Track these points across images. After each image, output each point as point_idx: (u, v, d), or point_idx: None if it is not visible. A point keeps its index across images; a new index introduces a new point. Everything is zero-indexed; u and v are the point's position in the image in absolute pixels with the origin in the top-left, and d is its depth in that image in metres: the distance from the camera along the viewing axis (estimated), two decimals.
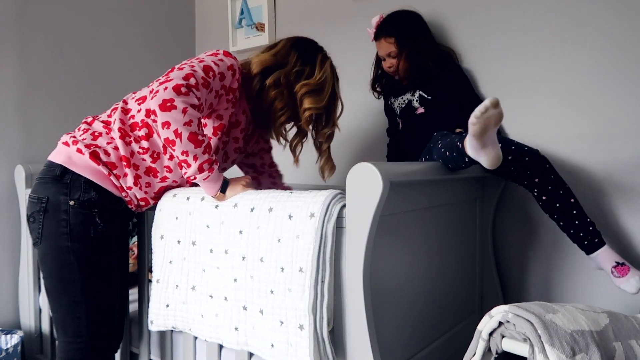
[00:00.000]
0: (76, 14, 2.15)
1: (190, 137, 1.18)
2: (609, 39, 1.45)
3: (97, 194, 1.27)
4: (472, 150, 1.14)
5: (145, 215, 1.49)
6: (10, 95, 1.95)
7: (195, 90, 1.19)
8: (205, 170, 1.22)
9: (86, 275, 1.27)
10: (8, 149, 1.95)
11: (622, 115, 1.44)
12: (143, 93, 1.36)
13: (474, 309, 1.59)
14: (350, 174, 1.03)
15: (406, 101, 1.67)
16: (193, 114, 1.18)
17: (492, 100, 1.02)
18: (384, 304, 1.14)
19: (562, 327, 0.85)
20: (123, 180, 1.29)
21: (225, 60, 1.30)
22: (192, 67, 1.23)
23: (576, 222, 1.31)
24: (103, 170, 1.27)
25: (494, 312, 0.92)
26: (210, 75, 1.25)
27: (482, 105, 1.02)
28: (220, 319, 1.22)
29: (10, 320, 1.96)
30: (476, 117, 1.04)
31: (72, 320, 1.29)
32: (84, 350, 1.29)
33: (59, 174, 1.27)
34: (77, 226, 1.26)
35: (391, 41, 1.62)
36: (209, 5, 2.60)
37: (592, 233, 1.32)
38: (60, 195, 1.26)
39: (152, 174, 1.33)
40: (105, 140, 1.29)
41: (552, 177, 1.34)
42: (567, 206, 1.32)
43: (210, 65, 1.26)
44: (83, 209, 1.26)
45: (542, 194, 1.34)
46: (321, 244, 1.04)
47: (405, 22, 1.63)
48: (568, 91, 1.52)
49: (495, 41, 1.66)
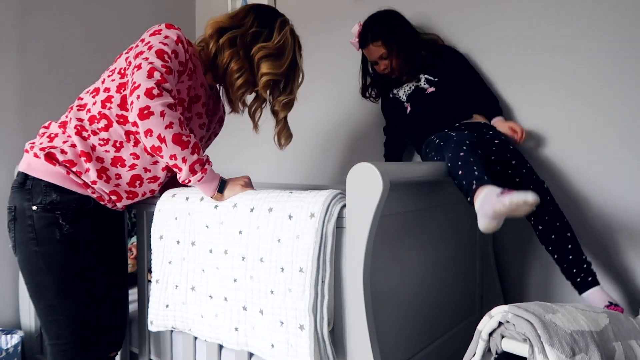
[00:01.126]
0: (76, 14, 2.15)
1: (174, 139, 1.16)
2: (609, 38, 1.45)
3: (58, 196, 1.26)
4: (479, 207, 1.11)
5: (145, 215, 1.49)
6: (10, 95, 1.95)
7: (165, 85, 1.17)
8: (197, 171, 1.21)
9: (58, 278, 1.27)
10: (8, 149, 1.95)
11: (623, 114, 1.44)
12: (96, 85, 1.35)
13: (474, 309, 1.59)
14: (350, 174, 1.03)
15: (412, 87, 1.67)
16: (172, 115, 1.16)
17: (534, 198, 1.00)
18: (384, 304, 1.13)
19: (562, 328, 0.85)
20: (85, 176, 1.26)
21: (171, 35, 1.25)
22: (146, 59, 1.18)
23: (570, 257, 1.28)
24: (61, 170, 1.25)
25: (494, 312, 0.92)
26: (166, 59, 1.20)
27: (523, 199, 1.00)
28: (220, 319, 1.21)
29: (10, 321, 1.96)
30: (511, 203, 1.01)
31: (50, 323, 1.29)
32: (67, 352, 1.29)
33: (22, 181, 1.27)
34: (41, 230, 1.25)
35: (378, 44, 1.64)
36: (209, 6, 2.60)
37: (585, 270, 1.28)
38: (24, 201, 1.26)
39: (120, 163, 1.29)
40: (62, 140, 1.28)
41: (551, 209, 1.33)
42: (563, 239, 1.30)
43: (161, 47, 1.21)
44: (46, 212, 1.25)
45: (539, 223, 1.33)
46: (321, 244, 1.04)
47: (386, 22, 1.65)
48: (568, 91, 1.52)
49: (495, 41, 1.66)
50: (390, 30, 1.63)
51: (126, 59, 1.30)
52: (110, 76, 1.32)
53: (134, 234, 2.00)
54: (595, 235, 1.49)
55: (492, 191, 1.08)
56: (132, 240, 1.98)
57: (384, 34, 1.63)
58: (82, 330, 1.31)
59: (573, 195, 1.53)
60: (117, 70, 1.31)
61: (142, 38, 1.28)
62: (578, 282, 1.27)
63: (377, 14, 1.68)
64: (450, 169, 1.25)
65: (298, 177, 1.77)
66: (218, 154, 1.95)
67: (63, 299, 1.28)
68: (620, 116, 1.44)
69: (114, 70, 1.33)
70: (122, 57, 1.33)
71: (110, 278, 1.44)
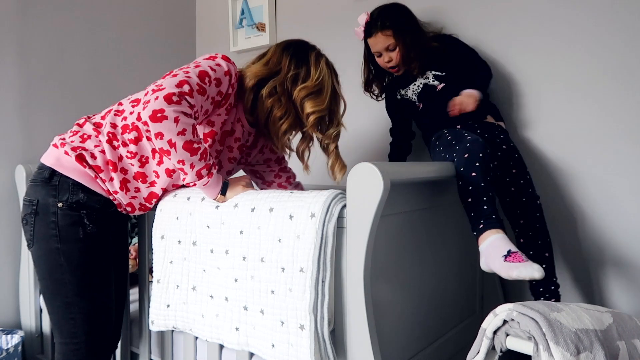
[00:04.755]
0: (77, 15, 2.15)
1: (185, 146, 1.16)
2: (610, 38, 1.45)
3: (85, 196, 1.27)
4: (483, 250, 1.14)
5: (146, 215, 1.49)
6: (10, 95, 1.95)
7: (188, 97, 1.16)
8: (204, 176, 1.21)
9: (78, 277, 1.27)
10: (8, 149, 1.95)
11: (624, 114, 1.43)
12: (138, 95, 1.34)
13: (474, 309, 1.58)
14: (350, 174, 1.02)
15: (421, 85, 1.65)
16: (186, 122, 1.16)
17: (540, 275, 1.00)
18: (385, 304, 1.13)
19: (567, 326, 0.85)
20: (109, 184, 1.28)
21: (223, 65, 1.27)
22: (186, 73, 1.20)
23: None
24: (90, 173, 1.26)
25: (499, 310, 0.92)
26: (207, 81, 1.21)
27: (528, 274, 1.01)
28: (221, 319, 1.21)
29: (10, 320, 1.96)
30: (512, 277, 1.03)
31: (66, 321, 1.29)
32: (80, 351, 1.29)
33: (48, 176, 1.27)
34: (65, 228, 1.25)
35: (388, 33, 1.59)
36: (209, 6, 2.60)
37: (552, 292, 1.32)
38: (49, 197, 1.26)
39: (141, 179, 1.31)
40: (93, 143, 1.28)
41: (537, 226, 1.35)
42: (540, 258, 1.33)
43: (207, 70, 1.23)
44: (71, 210, 1.26)
45: (521, 236, 1.35)
46: (322, 244, 1.04)
47: (398, 13, 1.62)
48: (569, 90, 1.52)
49: (496, 41, 1.66)
50: (403, 21, 1.60)
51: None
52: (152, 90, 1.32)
53: (134, 235, 2.00)
54: (595, 235, 1.49)
55: (499, 247, 1.10)
56: (132, 242, 1.98)
57: (396, 24, 1.59)
58: (96, 330, 1.31)
59: (573, 195, 1.52)
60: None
61: (194, 61, 1.28)
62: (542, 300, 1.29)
63: (389, 5, 1.65)
64: (459, 188, 1.26)
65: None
66: None
67: (81, 297, 1.28)
68: (620, 116, 1.44)
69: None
70: (171, 73, 1.29)
71: (119, 277, 1.45)
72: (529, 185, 1.40)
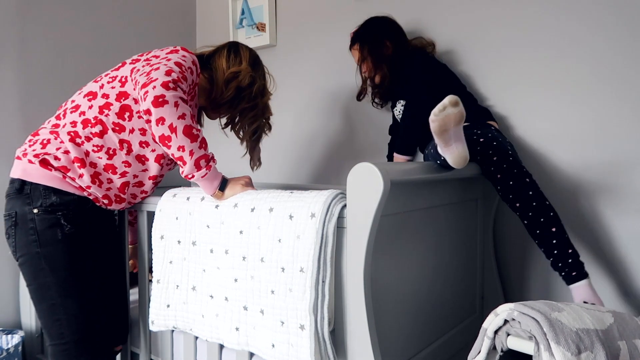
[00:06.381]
0: (77, 14, 2.15)
1: (185, 131, 1.19)
2: (608, 38, 1.45)
3: (57, 197, 1.28)
4: (439, 148, 1.15)
5: (145, 215, 1.49)
6: (10, 95, 1.95)
7: (180, 84, 1.22)
8: (202, 167, 1.22)
9: (61, 278, 1.28)
10: (8, 149, 1.95)
11: (622, 114, 1.43)
12: (90, 89, 1.36)
13: (474, 309, 1.58)
14: (350, 174, 1.02)
15: (400, 109, 1.68)
16: (185, 107, 1.20)
17: (450, 99, 1.03)
18: (385, 304, 1.13)
19: (568, 325, 0.85)
20: (80, 180, 1.30)
21: (188, 56, 1.34)
22: (165, 64, 1.25)
23: (555, 252, 1.27)
24: (57, 175, 1.27)
25: (500, 310, 0.92)
26: (183, 70, 1.28)
27: (440, 104, 1.04)
28: (221, 319, 1.21)
29: (11, 320, 1.95)
30: (435, 115, 1.05)
31: (52, 323, 1.29)
32: (69, 351, 1.30)
33: (19, 187, 1.29)
34: (44, 232, 1.27)
35: (356, 48, 1.69)
36: (209, 5, 2.60)
37: (570, 265, 1.26)
38: (25, 206, 1.28)
39: (111, 170, 1.33)
40: (55, 147, 1.30)
41: (534, 204, 1.29)
42: (548, 234, 1.28)
43: (179, 61, 1.29)
44: (47, 214, 1.27)
45: (524, 218, 1.31)
46: (322, 244, 1.04)
47: (367, 27, 1.68)
48: (569, 90, 1.52)
49: (494, 40, 1.65)
50: (366, 35, 1.66)
51: (132, 69, 1.32)
52: (110, 82, 1.34)
53: None
54: (595, 235, 1.49)
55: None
56: None
57: (361, 38, 1.67)
58: (84, 329, 1.32)
59: (572, 195, 1.52)
60: (119, 78, 1.33)
61: (155, 54, 1.33)
62: (563, 275, 1.27)
63: (368, 19, 1.70)
64: (429, 156, 1.28)
65: (299, 178, 1.77)
66: (218, 154, 1.94)
67: (65, 298, 1.29)
68: (620, 116, 1.44)
69: (114, 77, 1.34)
70: (126, 66, 1.35)
71: (110, 275, 1.45)
72: (514, 166, 1.33)
